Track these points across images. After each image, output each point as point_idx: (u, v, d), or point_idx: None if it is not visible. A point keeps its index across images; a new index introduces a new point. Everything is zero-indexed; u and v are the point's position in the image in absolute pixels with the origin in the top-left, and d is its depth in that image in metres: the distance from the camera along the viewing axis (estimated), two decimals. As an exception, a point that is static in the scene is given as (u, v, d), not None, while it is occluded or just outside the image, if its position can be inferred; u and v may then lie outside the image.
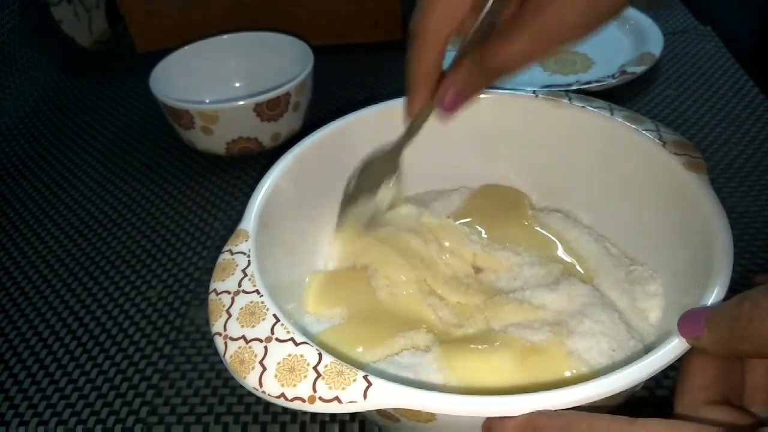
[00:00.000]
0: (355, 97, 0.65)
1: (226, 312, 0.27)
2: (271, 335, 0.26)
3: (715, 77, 0.62)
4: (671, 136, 0.35)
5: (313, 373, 0.24)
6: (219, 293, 0.28)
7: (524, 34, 0.27)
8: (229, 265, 0.29)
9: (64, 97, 0.68)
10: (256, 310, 0.27)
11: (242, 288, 0.28)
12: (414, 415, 0.24)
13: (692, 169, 0.33)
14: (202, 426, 0.35)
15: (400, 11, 0.71)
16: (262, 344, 0.25)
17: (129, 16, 0.72)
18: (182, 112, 0.52)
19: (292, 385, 0.24)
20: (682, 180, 0.33)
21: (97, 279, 0.45)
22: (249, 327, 0.26)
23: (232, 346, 0.26)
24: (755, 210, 0.46)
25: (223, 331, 0.26)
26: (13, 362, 0.40)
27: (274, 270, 0.31)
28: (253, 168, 0.56)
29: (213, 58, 0.61)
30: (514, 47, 0.27)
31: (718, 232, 0.29)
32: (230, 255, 0.30)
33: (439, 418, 0.24)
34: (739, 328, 0.21)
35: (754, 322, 0.21)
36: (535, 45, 0.27)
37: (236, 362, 0.25)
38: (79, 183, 0.55)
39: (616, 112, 0.37)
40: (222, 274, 0.29)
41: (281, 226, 0.35)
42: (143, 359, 0.39)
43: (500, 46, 0.28)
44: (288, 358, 0.25)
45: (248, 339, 0.26)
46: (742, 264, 0.41)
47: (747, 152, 0.52)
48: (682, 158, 0.33)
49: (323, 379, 0.24)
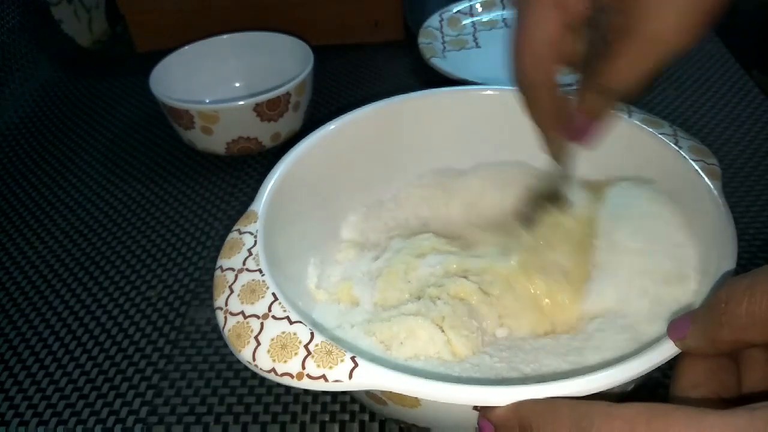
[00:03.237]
0: (355, 97, 0.65)
1: (229, 288, 0.28)
2: (268, 312, 0.27)
3: (715, 77, 0.62)
4: (688, 141, 0.35)
5: (303, 351, 0.25)
6: (224, 270, 0.29)
7: (631, 51, 0.26)
8: (237, 244, 0.30)
9: (64, 97, 0.68)
10: (257, 288, 0.28)
11: (246, 266, 0.29)
12: (400, 399, 0.25)
13: (706, 174, 0.33)
14: (202, 426, 0.35)
15: (400, 11, 0.71)
16: (259, 320, 0.26)
17: (129, 16, 0.72)
18: (182, 112, 0.52)
19: (282, 361, 0.25)
20: (695, 185, 0.33)
21: (97, 279, 0.45)
22: (248, 303, 0.27)
23: (231, 321, 0.27)
24: (755, 210, 0.46)
25: (224, 306, 0.28)
26: (13, 362, 0.40)
27: (279, 251, 0.32)
28: (253, 168, 0.56)
29: (213, 58, 0.61)
30: (625, 67, 0.27)
31: (726, 242, 0.29)
32: (238, 234, 0.31)
33: (424, 404, 0.25)
34: (717, 314, 0.22)
35: (730, 306, 0.21)
36: (646, 57, 0.27)
37: (233, 336, 0.26)
38: (79, 183, 0.55)
39: (635, 114, 0.37)
40: (229, 252, 0.30)
41: (291, 209, 0.35)
42: (143, 359, 0.39)
43: (613, 69, 0.27)
44: (282, 335, 0.26)
45: (246, 315, 0.27)
46: (742, 264, 0.41)
47: (747, 152, 0.52)
48: (697, 164, 0.33)
49: (312, 357, 0.25)
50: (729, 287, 0.22)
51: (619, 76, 0.28)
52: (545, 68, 0.29)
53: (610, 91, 0.29)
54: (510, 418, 0.23)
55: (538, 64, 0.29)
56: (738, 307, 0.21)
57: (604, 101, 0.30)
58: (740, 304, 0.21)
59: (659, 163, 0.36)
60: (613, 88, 0.28)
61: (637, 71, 0.27)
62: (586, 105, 0.30)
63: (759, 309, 0.20)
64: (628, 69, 0.27)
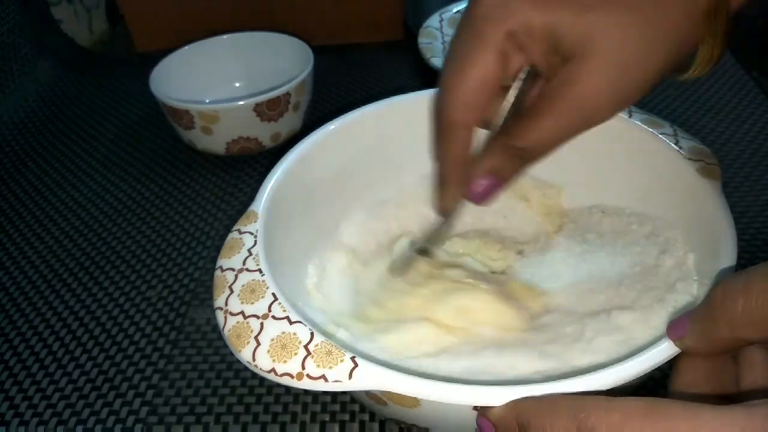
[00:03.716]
0: (355, 97, 0.65)
1: (229, 288, 0.28)
2: (268, 312, 0.27)
3: (716, 77, 0.62)
4: (689, 141, 0.35)
5: (303, 351, 0.25)
6: (224, 270, 0.29)
7: (554, 112, 0.26)
8: (236, 244, 0.30)
9: (64, 96, 0.68)
10: (257, 288, 0.28)
11: (246, 266, 0.29)
12: (399, 399, 0.25)
13: (706, 175, 0.33)
14: (202, 426, 0.35)
15: (400, 11, 0.71)
16: (259, 320, 0.26)
17: (129, 16, 0.72)
18: (182, 112, 0.52)
19: (282, 361, 0.25)
20: (695, 185, 0.33)
21: (97, 279, 0.45)
22: (248, 303, 0.27)
23: (231, 321, 0.27)
24: (755, 210, 0.46)
25: (224, 306, 0.28)
26: (13, 362, 0.40)
27: (279, 251, 0.32)
28: (253, 168, 0.56)
29: (213, 58, 0.61)
30: (545, 127, 0.26)
31: (725, 242, 0.29)
32: (238, 234, 0.31)
33: (424, 404, 0.25)
34: (714, 312, 0.22)
35: (726, 304, 0.21)
36: (567, 122, 0.26)
37: (233, 336, 0.26)
38: (79, 183, 0.55)
39: (635, 114, 0.37)
40: (229, 252, 0.30)
41: (291, 209, 0.35)
42: (143, 359, 0.39)
43: (530, 128, 0.27)
44: (281, 335, 0.26)
45: (246, 315, 0.27)
46: (742, 264, 0.41)
47: (747, 152, 0.52)
48: (697, 164, 0.33)
49: (312, 357, 0.25)
50: (725, 285, 0.22)
51: (534, 137, 0.27)
52: (473, 112, 0.28)
53: (522, 152, 0.28)
54: (508, 416, 0.23)
55: (469, 105, 0.28)
56: (734, 305, 0.21)
57: (511, 162, 0.29)
58: (736, 302, 0.21)
59: (659, 163, 0.36)
60: (526, 148, 0.28)
61: (554, 135, 0.27)
62: (492, 163, 0.29)
63: (755, 306, 0.20)
64: (546, 131, 0.27)
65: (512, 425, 0.22)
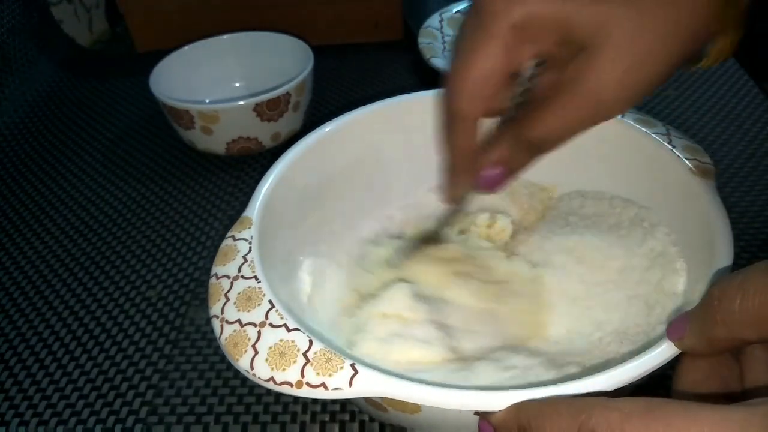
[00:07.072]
0: (354, 97, 0.65)
1: (225, 296, 0.28)
2: (265, 320, 0.26)
3: (716, 77, 0.62)
4: (681, 140, 0.35)
5: (302, 359, 0.25)
6: (219, 277, 0.29)
7: (566, 104, 0.26)
8: (231, 251, 0.30)
9: (64, 97, 0.68)
10: (253, 296, 0.27)
11: (241, 273, 0.29)
12: (400, 406, 0.25)
13: (699, 174, 0.33)
14: (202, 426, 0.35)
15: (400, 11, 0.71)
16: (256, 328, 0.26)
17: (129, 16, 0.72)
18: (182, 112, 0.52)
19: (281, 370, 0.24)
20: (688, 184, 0.33)
21: (97, 279, 0.45)
22: (245, 311, 0.27)
23: (228, 329, 0.26)
24: (755, 210, 0.46)
25: (220, 314, 0.27)
26: (13, 362, 0.40)
27: (275, 257, 0.32)
28: (253, 168, 0.56)
29: (213, 58, 0.61)
30: (556, 119, 0.26)
31: (721, 240, 0.29)
32: (233, 241, 0.31)
33: (425, 410, 0.25)
34: (711, 312, 0.22)
35: (723, 304, 0.21)
36: (579, 115, 0.26)
37: (230, 345, 0.26)
38: (79, 183, 0.55)
39: (628, 113, 0.37)
40: (223, 259, 0.30)
41: (286, 214, 0.35)
42: (143, 359, 0.39)
43: (542, 119, 0.27)
44: (280, 343, 0.25)
45: (243, 323, 0.26)
46: (741, 264, 0.41)
47: (747, 152, 0.52)
48: (691, 162, 0.33)
49: (311, 365, 0.24)
50: (722, 285, 0.22)
51: (545, 129, 0.27)
52: (481, 103, 0.28)
53: (531, 143, 0.28)
54: (510, 419, 0.23)
55: (476, 96, 0.28)
56: (731, 304, 0.21)
57: (521, 152, 0.29)
58: (733, 302, 0.21)
59: (652, 162, 0.36)
60: (535, 139, 0.27)
61: (566, 126, 0.27)
62: (502, 154, 0.29)
63: (752, 306, 0.20)
64: (557, 123, 0.26)
65: (514, 428, 0.22)
